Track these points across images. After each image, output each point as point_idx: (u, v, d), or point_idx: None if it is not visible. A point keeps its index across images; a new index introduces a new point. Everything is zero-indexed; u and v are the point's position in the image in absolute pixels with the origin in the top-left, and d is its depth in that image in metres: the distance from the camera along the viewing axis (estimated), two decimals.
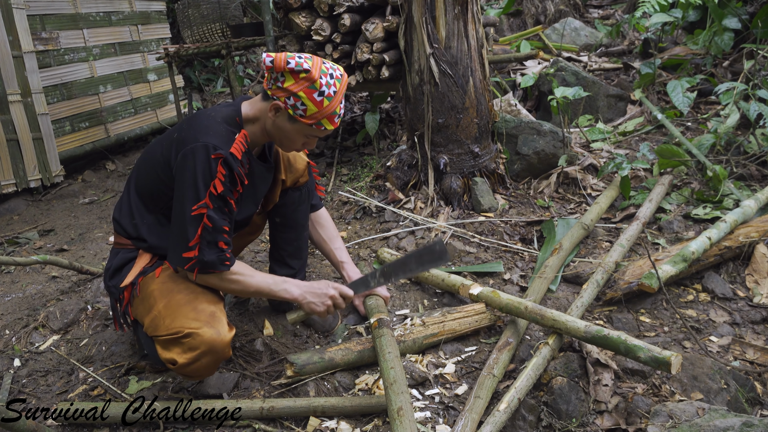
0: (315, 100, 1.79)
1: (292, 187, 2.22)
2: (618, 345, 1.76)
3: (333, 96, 1.81)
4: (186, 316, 1.81)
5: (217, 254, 1.82)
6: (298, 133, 1.87)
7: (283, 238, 2.33)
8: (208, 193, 1.77)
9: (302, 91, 1.78)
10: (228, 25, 4.54)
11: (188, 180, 1.78)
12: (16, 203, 4.39)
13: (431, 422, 1.83)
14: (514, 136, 3.28)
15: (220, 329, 1.81)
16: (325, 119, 1.84)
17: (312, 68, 1.77)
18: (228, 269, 1.86)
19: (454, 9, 2.93)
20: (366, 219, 3.13)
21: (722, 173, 2.83)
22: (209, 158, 1.76)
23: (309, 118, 1.82)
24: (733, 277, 2.37)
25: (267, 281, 1.95)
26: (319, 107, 1.80)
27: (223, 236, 1.83)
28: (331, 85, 1.80)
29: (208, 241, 1.80)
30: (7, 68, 4.28)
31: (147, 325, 1.88)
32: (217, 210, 1.81)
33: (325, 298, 1.98)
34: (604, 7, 6.69)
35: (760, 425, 1.44)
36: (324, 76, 1.79)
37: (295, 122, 1.84)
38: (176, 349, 1.79)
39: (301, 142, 1.92)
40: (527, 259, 2.65)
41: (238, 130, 1.87)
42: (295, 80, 1.78)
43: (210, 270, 1.83)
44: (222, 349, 1.81)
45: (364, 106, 5.16)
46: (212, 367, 1.86)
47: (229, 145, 1.81)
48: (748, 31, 4.09)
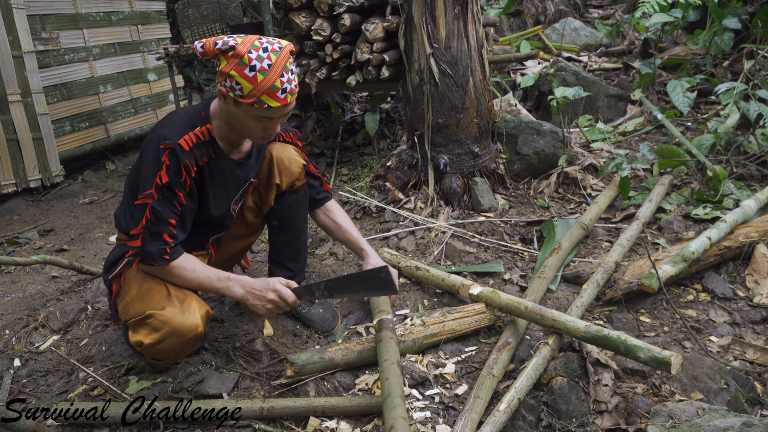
0: (247, 76, 1.70)
1: (288, 191, 2.21)
2: (618, 345, 1.76)
3: (268, 69, 1.71)
4: (153, 299, 1.84)
5: (158, 246, 1.82)
6: (247, 116, 1.79)
7: (281, 241, 2.33)
8: (154, 184, 1.79)
9: (233, 70, 1.71)
10: (228, 25, 4.54)
11: (143, 169, 1.82)
12: (16, 203, 4.39)
13: (431, 422, 1.83)
14: (514, 136, 3.28)
15: (186, 311, 1.82)
16: (265, 95, 1.73)
17: (239, 44, 1.71)
18: (167, 263, 1.85)
19: (454, 9, 2.93)
20: (366, 219, 3.13)
21: (722, 173, 2.83)
22: (158, 149, 1.78)
23: (247, 97, 1.73)
24: (733, 277, 2.37)
25: (210, 276, 1.91)
26: (253, 83, 1.71)
27: (168, 228, 1.83)
28: (264, 58, 1.71)
29: (151, 232, 1.81)
30: (7, 68, 4.28)
31: (120, 311, 1.91)
32: (164, 201, 1.81)
33: (264, 301, 1.91)
34: (604, 7, 6.68)
35: (760, 425, 1.44)
36: (254, 50, 1.71)
37: (239, 104, 1.76)
38: (143, 331, 1.82)
39: (257, 126, 1.82)
40: (527, 259, 2.65)
41: (201, 123, 1.87)
42: (226, 60, 1.73)
43: (150, 261, 1.84)
44: (187, 331, 1.82)
45: (364, 106, 5.16)
46: (179, 349, 1.88)
47: (180, 136, 1.81)
48: (748, 31, 4.09)
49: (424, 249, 2.74)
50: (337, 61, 3.58)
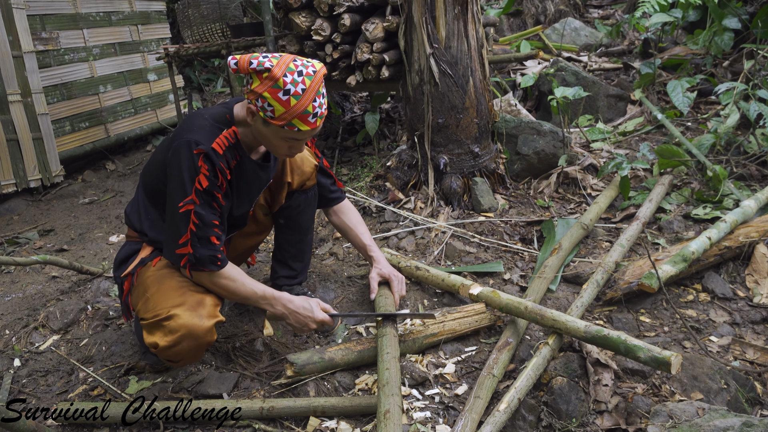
0: (281, 99, 1.71)
1: (298, 190, 2.22)
2: (618, 345, 1.76)
3: (302, 94, 1.71)
4: (171, 300, 1.83)
5: (209, 251, 1.82)
6: (275, 136, 1.80)
7: (286, 239, 2.33)
8: (194, 189, 1.78)
9: (266, 92, 1.71)
10: (228, 25, 4.54)
11: (176, 176, 1.80)
12: (16, 203, 4.39)
13: (431, 422, 1.83)
14: (514, 136, 3.28)
15: (202, 314, 1.82)
16: (296, 119, 1.74)
17: (275, 66, 1.70)
18: (219, 269, 1.85)
19: (454, 9, 2.93)
20: (366, 219, 3.13)
21: (722, 173, 2.83)
22: (192, 154, 1.77)
23: (278, 119, 1.74)
24: (733, 277, 2.37)
25: (256, 292, 1.92)
26: (286, 107, 1.71)
27: (214, 230, 1.83)
28: (299, 83, 1.71)
29: (199, 237, 1.81)
30: (7, 68, 4.28)
31: (138, 309, 1.90)
32: (205, 205, 1.81)
33: (305, 327, 1.98)
34: (604, 7, 6.68)
35: (760, 425, 1.44)
36: (290, 74, 1.70)
37: (268, 125, 1.78)
38: (158, 333, 1.81)
39: (283, 145, 1.84)
40: (527, 259, 2.65)
41: (227, 126, 1.87)
42: (260, 81, 1.72)
43: (201, 268, 1.84)
44: (202, 335, 1.81)
45: (364, 106, 5.16)
46: (194, 352, 1.87)
47: (212, 140, 1.80)
48: (748, 31, 4.09)
49: (424, 249, 2.74)
50: (337, 61, 3.58)
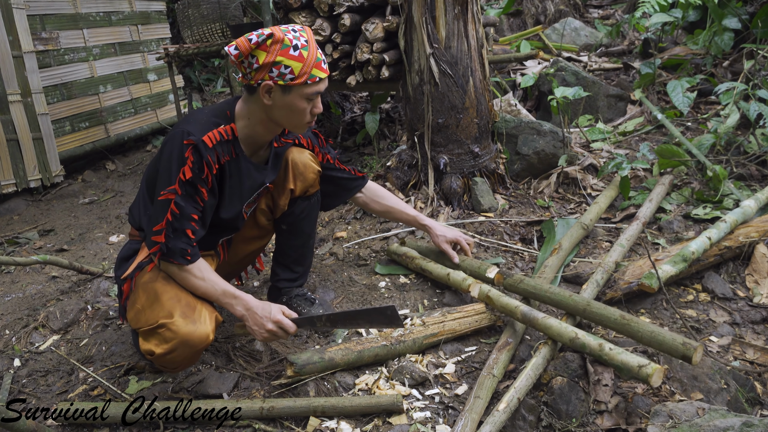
0: (294, 56, 1.77)
1: (301, 197, 2.21)
2: (601, 356, 1.77)
3: (307, 45, 1.79)
4: (164, 308, 1.82)
5: (181, 244, 1.82)
6: (300, 99, 1.83)
7: (288, 244, 2.33)
8: (177, 179, 1.78)
9: (279, 56, 1.76)
10: (228, 25, 4.54)
11: (164, 165, 1.81)
12: (16, 203, 4.39)
13: (431, 422, 1.83)
14: (514, 136, 3.28)
15: (197, 321, 1.81)
16: (314, 69, 1.81)
17: (274, 32, 1.77)
18: (187, 264, 1.85)
19: (454, 9, 2.93)
20: (366, 219, 3.12)
21: (722, 173, 2.83)
22: (182, 144, 1.78)
23: (300, 76, 1.79)
24: (733, 277, 2.37)
25: (216, 289, 1.88)
26: (302, 60, 1.78)
27: (191, 224, 1.83)
28: (299, 37, 1.79)
29: (174, 228, 1.80)
30: (7, 68, 4.28)
31: (131, 318, 1.90)
32: (186, 197, 1.81)
33: (262, 329, 1.88)
34: (604, 7, 6.68)
35: (760, 425, 1.44)
36: (288, 32, 1.78)
37: (290, 90, 1.81)
38: (153, 340, 1.81)
39: (306, 109, 1.87)
40: (527, 259, 2.65)
41: (226, 122, 1.87)
42: (266, 51, 1.76)
43: (170, 259, 1.83)
44: (198, 342, 1.81)
45: (364, 106, 5.16)
46: (190, 358, 1.87)
47: (204, 133, 1.81)
48: (748, 31, 4.09)
49: None
50: (337, 61, 3.58)
